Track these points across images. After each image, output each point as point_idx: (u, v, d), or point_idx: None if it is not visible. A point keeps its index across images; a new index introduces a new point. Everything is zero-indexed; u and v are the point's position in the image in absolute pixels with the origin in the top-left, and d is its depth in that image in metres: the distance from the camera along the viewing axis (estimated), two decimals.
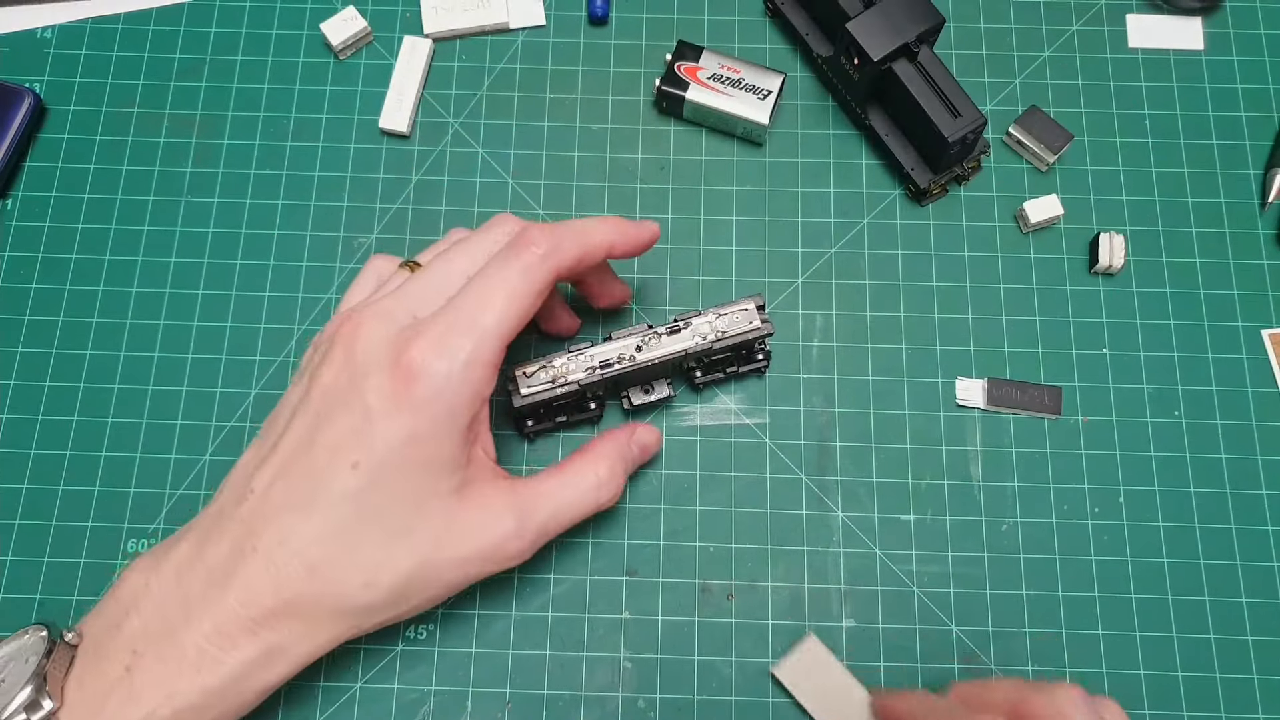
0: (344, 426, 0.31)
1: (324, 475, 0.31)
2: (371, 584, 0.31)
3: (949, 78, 0.41)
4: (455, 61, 0.47)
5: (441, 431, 0.31)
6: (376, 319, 0.32)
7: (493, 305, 0.32)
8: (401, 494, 0.31)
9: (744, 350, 0.40)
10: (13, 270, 0.43)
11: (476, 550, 0.32)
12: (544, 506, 0.34)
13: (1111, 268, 0.43)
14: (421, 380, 0.30)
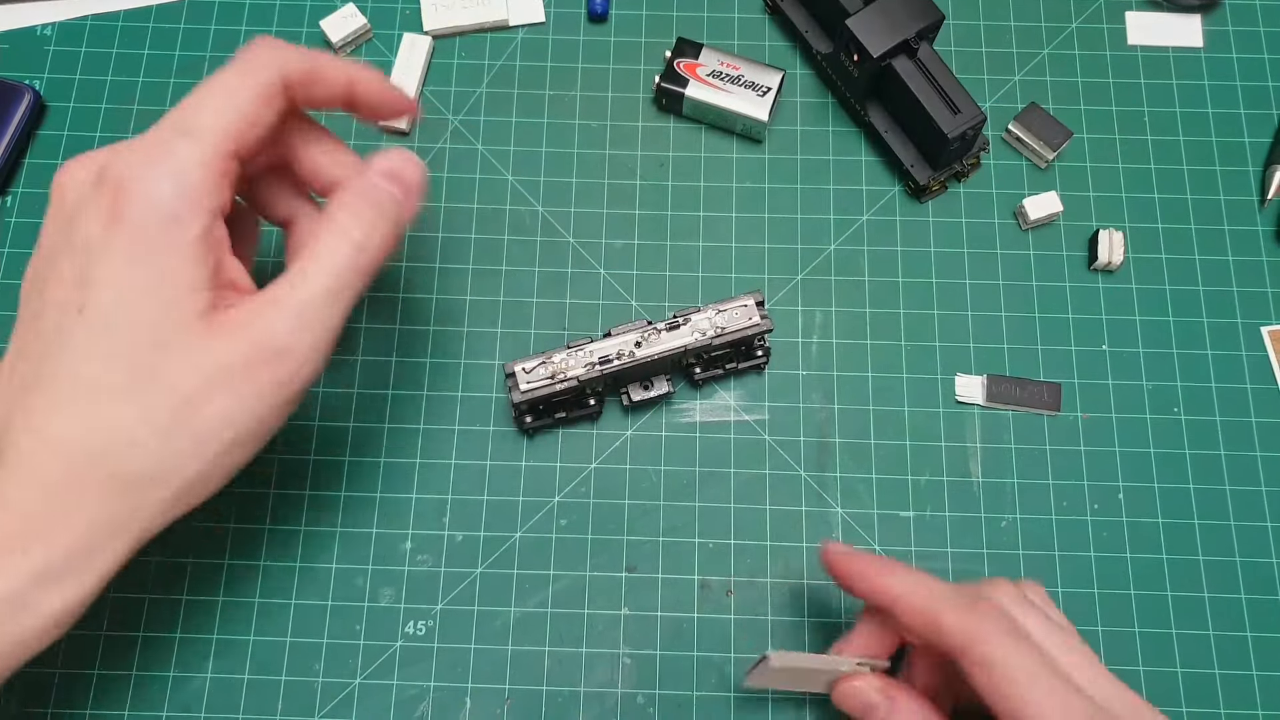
0: (66, 275, 0.27)
1: (55, 337, 0.27)
2: (135, 441, 0.27)
3: (948, 74, 0.41)
4: (455, 58, 0.47)
5: (169, 250, 0.27)
6: (86, 160, 0.29)
7: (208, 105, 0.28)
8: (137, 331, 0.27)
9: (743, 347, 0.40)
10: (12, 267, 0.43)
11: (239, 383, 0.28)
12: (299, 308, 0.29)
13: (1111, 264, 0.43)
14: (130, 189, 0.27)
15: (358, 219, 0.30)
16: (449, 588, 0.39)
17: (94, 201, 0.28)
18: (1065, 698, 0.28)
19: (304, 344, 0.29)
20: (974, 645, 0.29)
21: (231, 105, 0.28)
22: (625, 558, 0.40)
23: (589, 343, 0.38)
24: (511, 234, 0.44)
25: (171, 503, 0.28)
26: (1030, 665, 0.29)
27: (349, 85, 0.32)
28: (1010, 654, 0.29)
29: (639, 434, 0.41)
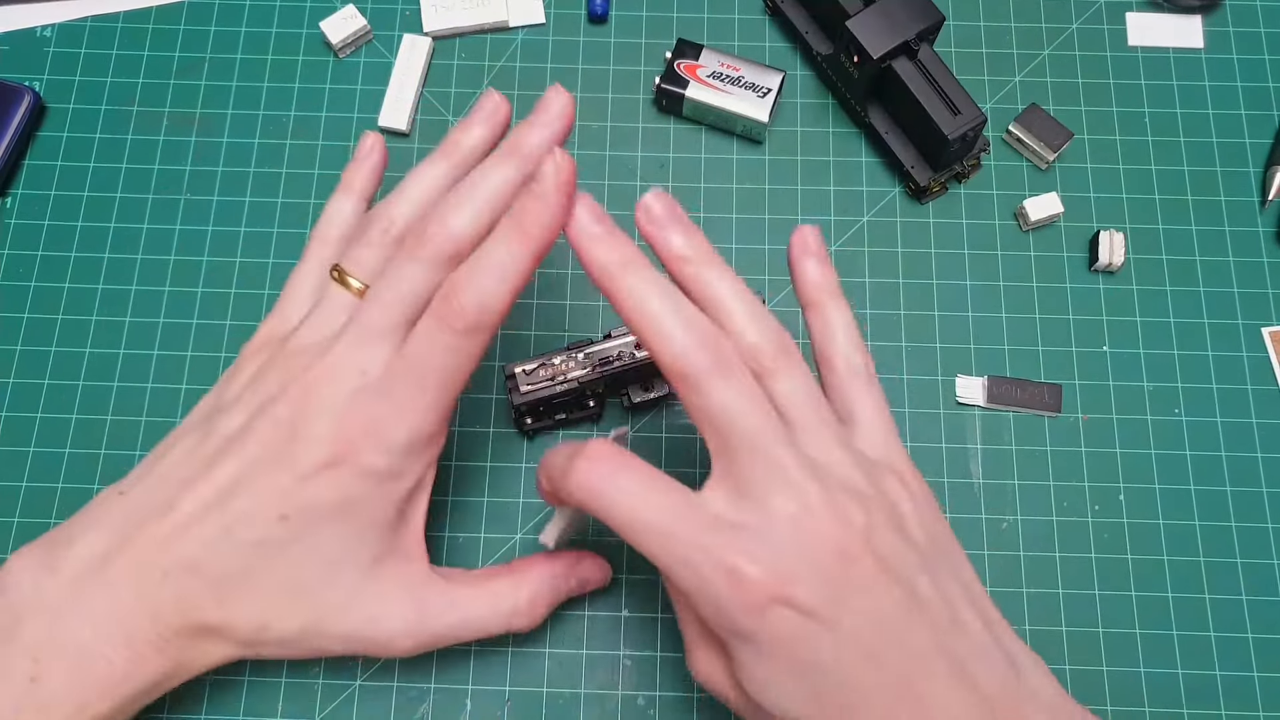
0: (279, 479, 0.30)
1: (249, 518, 0.30)
2: (264, 628, 0.31)
3: (949, 76, 0.41)
4: (455, 59, 0.47)
5: (376, 501, 0.31)
6: (329, 382, 0.30)
7: (443, 371, 0.30)
8: (319, 555, 0.31)
9: None
10: (12, 268, 0.43)
11: (361, 634, 0.32)
12: (447, 617, 0.33)
13: (1111, 265, 0.43)
14: (362, 454, 0.30)
15: (531, 601, 0.34)
16: None
17: (328, 439, 0.30)
18: (682, 536, 0.27)
19: (407, 653, 0.33)
20: (591, 507, 0.28)
21: (458, 367, 0.30)
22: (626, 559, 0.40)
23: (589, 345, 0.38)
24: None
25: (265, 657, 0.33)
26: (631, 505, 0.27)
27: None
28: (611, 500, 0.27)
29: (640, 435, 0.41)
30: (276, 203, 0.44)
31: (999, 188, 0.45)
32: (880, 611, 0.26)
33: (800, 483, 0.27)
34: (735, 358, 0.28)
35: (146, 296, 0.43)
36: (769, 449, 0.27)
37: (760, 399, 0.28)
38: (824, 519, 0.26)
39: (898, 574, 0.27)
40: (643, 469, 0.28)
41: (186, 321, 0.43)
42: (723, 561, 0.26)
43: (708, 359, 0.27)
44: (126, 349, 0.42)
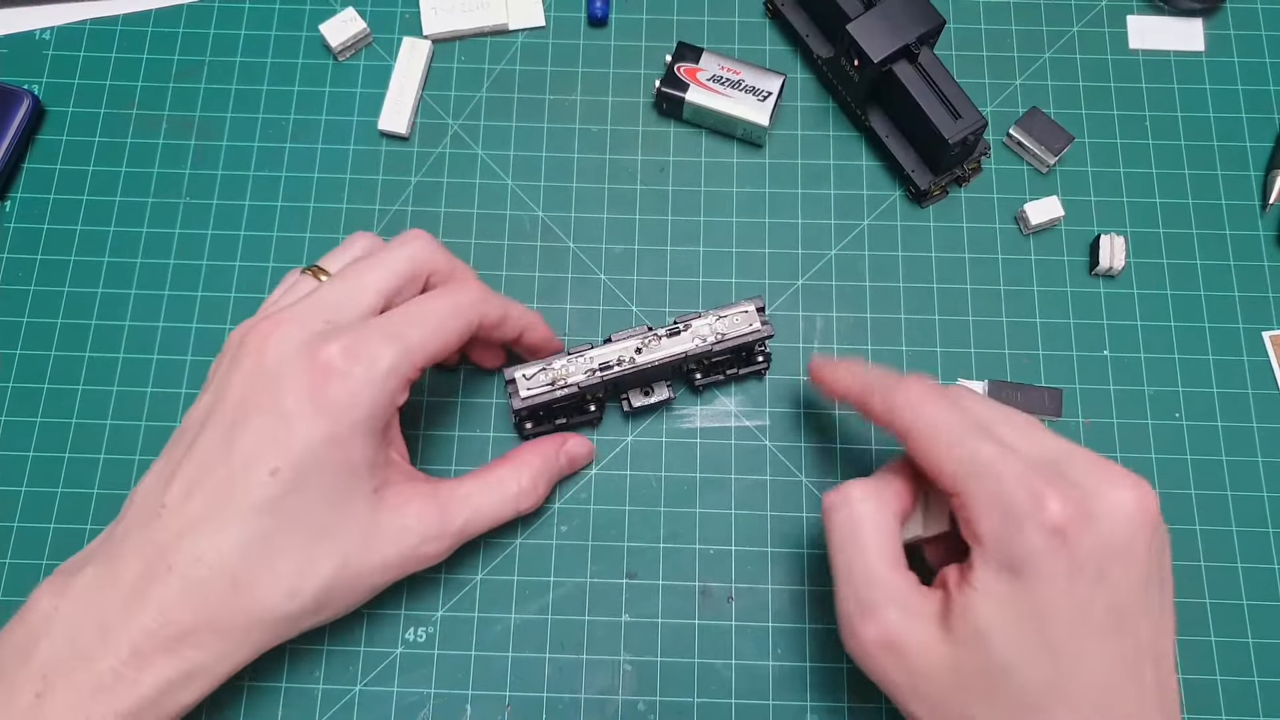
0: (261, 433, 0.30)
1: (243, 485, 0.30)
2: (295, 592, 0.31)
3: (949, 79, 0.41)
4: (454, 63, 0.47)
5: (359, 432, 0.31)
6: (289, 323, 0.32)
7: (423, 326, 0.33)
8: (322, 497, 0.31)
9: (744, 352, 0.40)
10: (11, 272, 0.43)
11: (397, 552, 0.33)
12: (462, 510, 0.35)
13: (1112, 269, 0.43)
14: (339, 380, 0.30)
15: (532, 481, 0.37)
16: (449, 594, 0.39)
17: (300, 375, 0.31)
18: (976, 450, 0.30)
19: (441, 555, 0.35)
20: (899, 415, 0.32)
21: (438, 334, 0.33)
22: (626, 564, 0.40)
23: (589, 349, 0.38)
24: (511, 239, 0.44)
25: (310, 628, 0.33)
26: (949, 423, 0.31)
27: (520, 332, 0.37)
28: (931, 414, 0.31)
29: (639, 440, 0.41)
30: (276, 206, 0.44)
31: (999, 191, 0.45)
32: (1136, 587, 0.28)
33: (1111, 465, 0.29)
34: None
35: (146, 300, 0.43)
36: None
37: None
38: (1129, 486, 0.29)
39: (1156, 569, 0.29)
40: (958, 398, 0.32)
41: (186, 326, 0.42)
42: (1032, 483, 0.28)
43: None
44: (126, 353, 0.42)
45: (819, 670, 0.38)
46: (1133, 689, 0.28)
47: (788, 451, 0.41)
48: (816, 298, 0.43)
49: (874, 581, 0.31)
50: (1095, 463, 0.29)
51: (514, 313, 0.36)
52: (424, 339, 0.32)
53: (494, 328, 0.35)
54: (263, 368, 0.31)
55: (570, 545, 0.40)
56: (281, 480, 0.30)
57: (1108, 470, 0.29)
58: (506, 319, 0.36)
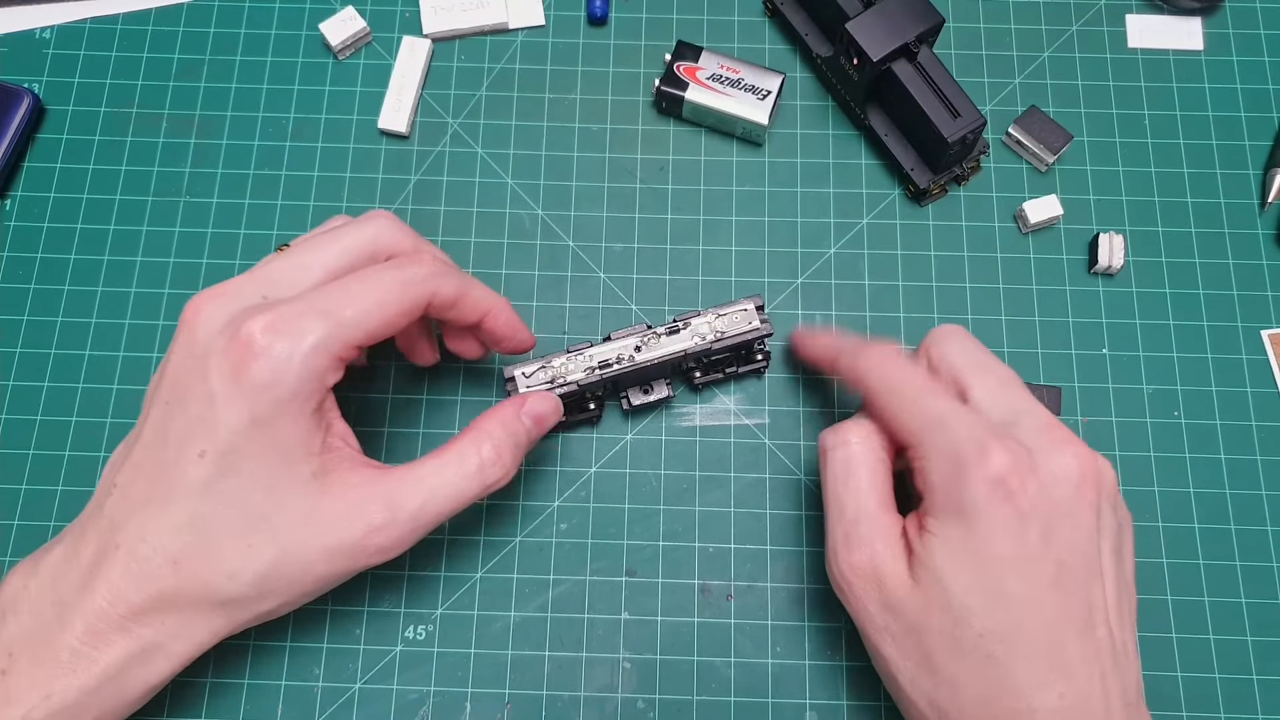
0: (190, 414, 0.30)
1: (175, 466, 0.30)
2: (234, 575, 0.30)
3: (948, 78, 0.41)
4: (454, 62, 0.47)
5: (285, 413, 0.30)
6: (219, 297, 0.31)
7: (357, 301, 0.31)
8: (254, 481, 0.30)
9: (743, 351, 0.40)
10: (11, 271, 0.43)
11: (341, 542, 0.31)
12: (416, 493, 0.32)
13: (1111, 268, 0.43)
14: (259, 359, 0.29)
15: (495, 450, 0.33)
16: (449, 592, 0.39)
17: (223, 352, 0.29)
18: (933, 406, 0.31)
19: (396, 546, 0.32)
20: (863, 376, 0.33)
21: (378, 308, 0.31)
22: (625, 562, 0.40)
23: (588, 347, 0.38)
24: (511, 238, 0.44)
25: (258, 617, 0.32)
26: (909, 382, 0.32)
27: (482, 316, 0.35)
28: (890, 373, 0.32)
29: (639, 438, 0.41)
30: (276, 205, 0.44)
31: (998, 190, 0.45)
32: (1084, 546, 0.30)
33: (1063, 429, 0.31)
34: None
35: (146, 299, 0.43)
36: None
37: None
38: (1072, 451, 0.30)
39: (1106, 527, 0.30)
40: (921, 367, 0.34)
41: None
42: (979, 437, 0.30)
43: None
44: (126, 351, 0.42)
45: (818, 668, 0.38)
46: (1086, 645, 0.29)
47: (787, 450, 0.41)
48: (816, 296, 0.43)
49: (864, 517, 0.33)
50: (1048, 425, 0.31)
51: (474, 294, 0.34)
52: (359, 315, 0.30)
53: (448, 307, 0.33)
54: (193, 343, 0.30)
55: (570, 543, 0.40)
56: (210, 463, 0.30)
57: (1057, 433, 0.30)
58: (463, 299, 0.33)
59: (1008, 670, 0.29)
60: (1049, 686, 0.29)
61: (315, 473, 0.31)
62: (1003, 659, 0.29)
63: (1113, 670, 0.29)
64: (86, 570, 0.30)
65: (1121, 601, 0.31)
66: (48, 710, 0.29)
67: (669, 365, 0.38)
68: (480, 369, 0.42)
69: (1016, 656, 0.29)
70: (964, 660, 0.29)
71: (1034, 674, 0.29)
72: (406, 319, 0.32)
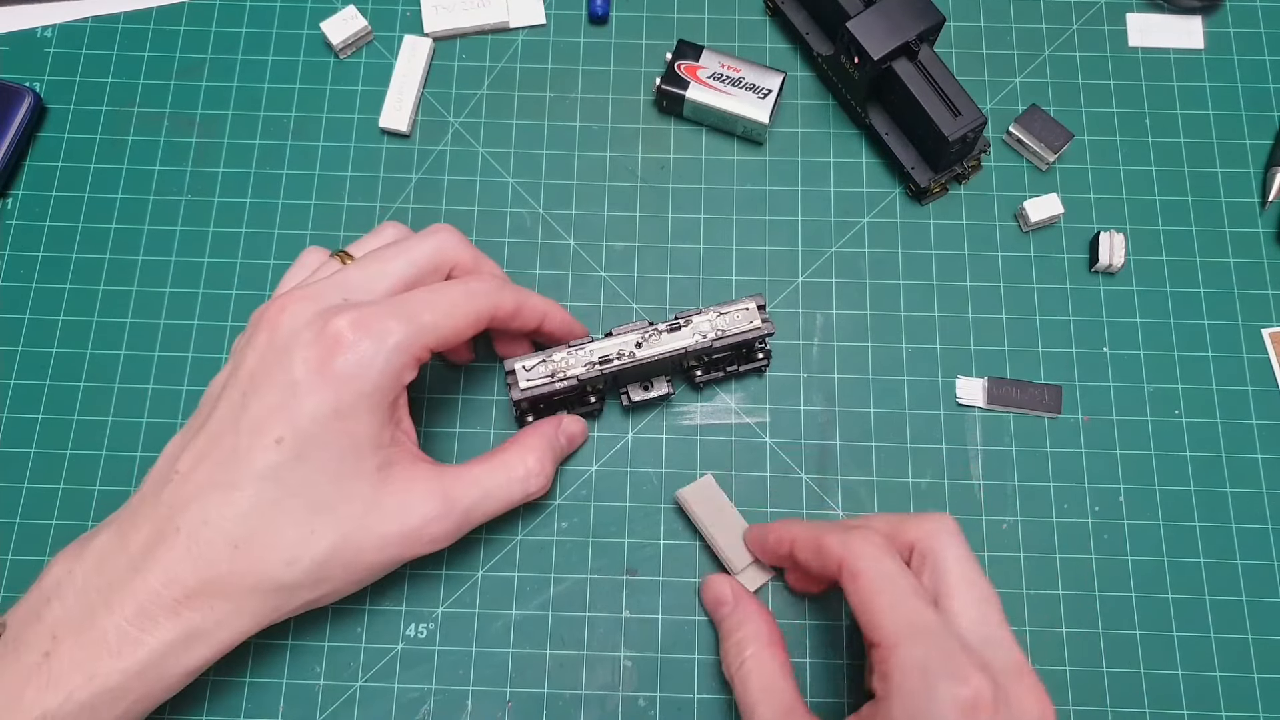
0: (269, 402, 0.31)
1: (248, 452, 0.31)
2: (294, 561, 0.31)
3: (949, 77, 0.41)
4: (455, 60, 0.47)
5: (365, 407, 0.31)
6: (305, 299, 0.32)
7: (435, 308, 0.33)
8: (325, 469, 0.31)
9: (744, 349, 0.40)
10: (13, 269, 0.43)
11: (399, 531, 0.33)
12: (469, 492, 0.34)
13: (1112, 266, 0.43)
14: (346, 352, 0.31)
15: (539, 462, 0.36)
16: (450, 590, 0.39)
17: (310, 346, 0.31)
18: (916, 613, 0.30)
19: (446, 538, 0.34)
20: (846, 560, 0.32)
21: (449, 316, 0.33)
22: (626, 560, 0.40)
23: (590, 342, 0.38)
24: (512, 236, 0.44)
25: (305, 605, 0.33)
26: (889, 578, 0.31)
27: (540, 320, 0.37)
28: (873, 566, 0.31)
29: (640, 437, 0.41)
30: (277, 204, 0.44)
31: (999, 189, 0.45)
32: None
33: (1028, 666, 0.30)
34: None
35: (147, 298, 0.43)
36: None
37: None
38: (1036, 696, 0.29)
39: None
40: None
41: (188, 323, 0.43)
42: (957, 659, 0.29)
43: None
44: (128, 350, 0.42)
45: (818, 666, 0.38)
46: None
47: (788, 448, 0.41)
48: (817, 295, 0.43)
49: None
50: (1018, 665, 0.30)
51: (531, 303, 0.36)
52: (435, 321, 0.33)
53: (510, 318, 0.35)
54: (275, 339, 0.32)
55: (571, 541, 0.40)
56: (286, 449, 0.31)
57: (1026, 673, 0.30)
58: (522, 309, 0.36)
59: None
60: None
61: (380, 465, 0.32)
62: None
63: None
64: (139, 554, 0.31)
65: None
66: (90, 692, 0.30)
67: (669, 362, 0.38)
68: (482, 368, 0.42)
69: None
70: None
71: None
72: (474, 329, 0.34)
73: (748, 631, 0.35)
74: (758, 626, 0.35)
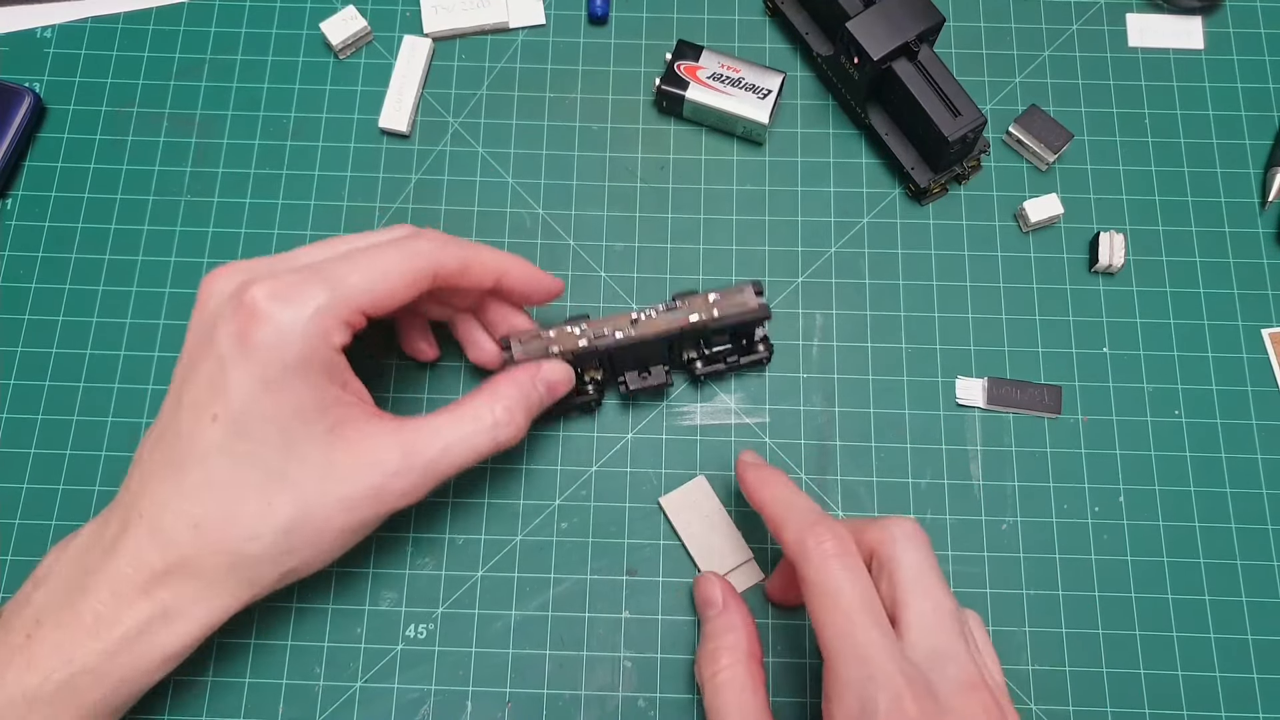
0: (202, 380, 0.31)
1: (190, 432, 0.31)
2: (256, 536, 0.31)
3: (949, 77, 0.41)
4: (455, 61, 0.47)
5: (293, 376, 0.30)
6: (231, 270, 0.32)
7: (363, 270, 0.31)
8: (268, 440, 0.31)
9: (744, 340, 0.39)
10: (12, 270, 0.43)
11: (361, 489, 0.32)
12: (432, 443, 0.33)
13: (1111, 267, 0.43)
14: (263, 324, 0.30)
15: (508, 410, 0.34)
16: (450, 591, 0.39)
17: (230, 318, 0.30)
18: (860, 631, 0.29)
19: (412, 491, 0.33)
20: (801, 563, 0.31)
21: (380, 278, 0.32)
22: (626, 561, 0.40)
23: (585, 321, 0.37)
24: (512, 237, 0.44)
25: (282, 578, 0.32)
26: (834, 594, 0.30)
27: (497, 278, 0.35)
28: (828, 579, 0.30)
29: (639, 437, 0.41)
30: (277, 204, 0.44)
31: (999, 189, 0.45)
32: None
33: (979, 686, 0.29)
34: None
35: (147, 298, 0.43)
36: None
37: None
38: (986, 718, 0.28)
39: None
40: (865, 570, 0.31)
41: (187, 323, 0.42)
42: (896, 688, 0.28)
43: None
44: (127, 350, 0.42)
45: (818, 666, 0.38)
46: None
47: (788, 449, 0.41)
48: (816, 295, 0.43)
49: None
50: (968, 684, 0.29)
51: (481, 258, 0.35)
52: (364, 283, 0.31)
53: (458, 275, 0.34)
54: (204, 314, 0.32)
55: (570, 542, 0.40)
56: (223, 426, 0.30)
57: (975, 695, 0.28)
58: (470, 266, 0.34)
59: None
60: None
61: (331, 427, 0.31)
62: None
63: None
64: (111, 541, 0.31)
65: None
66: (68, 673, 0.30)
67: (666, 345, 0.38)
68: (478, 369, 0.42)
69: None
70: None
71: None
72: (413, 289, 0.32)
73: (728, 641, 0.34)
74: (738, 638, 0.34)
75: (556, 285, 0.37)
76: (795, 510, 0.33)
